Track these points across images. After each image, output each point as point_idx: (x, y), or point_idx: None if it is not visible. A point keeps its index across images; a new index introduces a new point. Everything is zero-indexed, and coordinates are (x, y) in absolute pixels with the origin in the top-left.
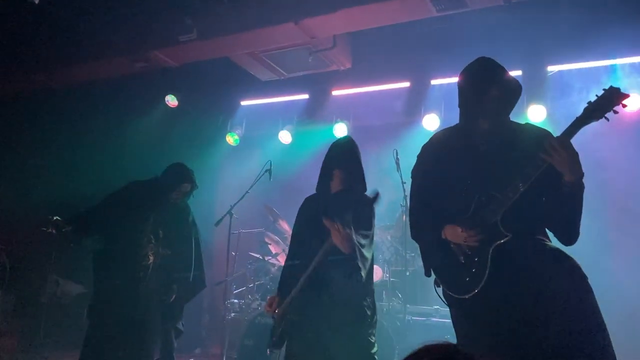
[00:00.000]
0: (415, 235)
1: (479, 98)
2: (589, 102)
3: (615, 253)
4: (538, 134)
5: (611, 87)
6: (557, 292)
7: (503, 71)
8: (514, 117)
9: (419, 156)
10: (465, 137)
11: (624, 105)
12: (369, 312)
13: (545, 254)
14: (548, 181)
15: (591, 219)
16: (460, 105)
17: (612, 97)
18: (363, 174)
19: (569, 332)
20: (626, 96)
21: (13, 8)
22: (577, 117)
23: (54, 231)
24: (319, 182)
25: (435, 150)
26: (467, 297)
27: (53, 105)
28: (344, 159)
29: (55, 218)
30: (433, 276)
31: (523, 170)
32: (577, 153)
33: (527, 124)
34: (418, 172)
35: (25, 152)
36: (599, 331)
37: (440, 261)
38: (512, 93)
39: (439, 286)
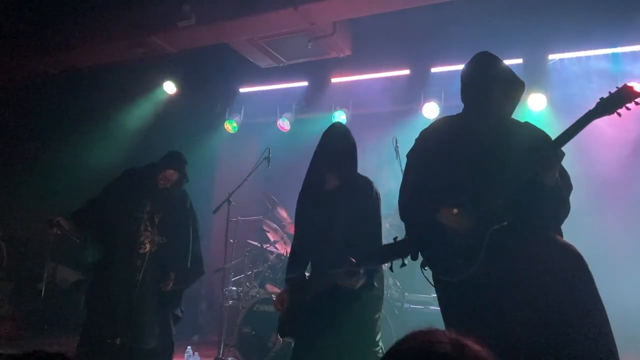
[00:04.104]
0: (406, 216)
1: (482, 97)
2: (601, 98)
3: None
4: (537, 136)
5: (625, 85)
6: (556, 276)
7: (507, 70)
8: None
9: (417, 139)
10: (468, 126)
11: (637, 103)
12: (378, 300)
13: (542, 240)
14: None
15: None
16: (463, 100)
17: (625, 95)
18: (356, 166)
19: (566, 318)
20: (638, 94)
21: None
22: (589, 110)
23: (58, 232)
24: (310, 179)
25: (437, 135)
26: (458, 279)
27: (48, 92)
28: (338, 163)
29: (57, 218)
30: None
31: (518, 167)
32: (559, 162)
33: (526, 122)
34: (415, 154)
35: (21, 140)
36: (597, 315)
37: (431, 244)
38: (515, 93)
39: (426, 269)
